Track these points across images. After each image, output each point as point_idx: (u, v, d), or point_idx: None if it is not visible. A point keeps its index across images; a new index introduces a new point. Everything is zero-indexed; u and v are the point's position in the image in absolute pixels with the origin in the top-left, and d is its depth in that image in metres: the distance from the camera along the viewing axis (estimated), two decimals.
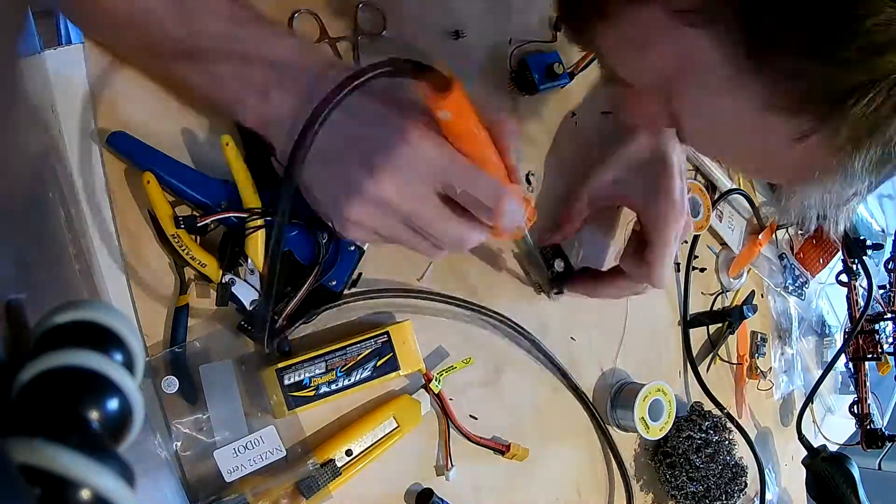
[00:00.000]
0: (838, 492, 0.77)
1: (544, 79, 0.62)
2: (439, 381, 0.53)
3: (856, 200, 0.41)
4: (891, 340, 0.94)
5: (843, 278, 0.93)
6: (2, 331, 0.20)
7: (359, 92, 0.38)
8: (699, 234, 0.79)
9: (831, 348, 1.02)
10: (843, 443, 0.97)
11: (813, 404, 0.92)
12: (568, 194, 0.65)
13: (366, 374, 0.50)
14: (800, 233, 0.96)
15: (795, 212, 0.43)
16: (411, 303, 0.55)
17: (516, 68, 0.62)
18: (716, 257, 0.83)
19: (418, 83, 0.35)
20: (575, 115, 0.68)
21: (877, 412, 0.91)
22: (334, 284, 0.49)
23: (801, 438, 0.83)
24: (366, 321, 0.52)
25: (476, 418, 0.58)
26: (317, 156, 0.39)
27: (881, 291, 0.95)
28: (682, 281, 0.78)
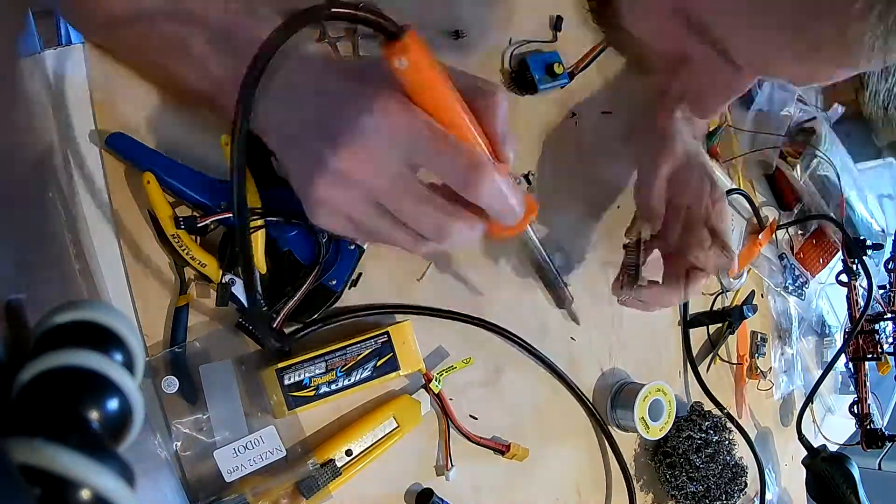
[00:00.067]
0: (838, 492, 0.77)
1: (544, 79, 0.62)
2: (439, 381, 0.53)
3: None
4: (891, 340, 0.94)
5: (843, 278, 0.93)
6: (2, 331, 0.20)
7: (325, 69, 0.37)
8: None
9: (831, 348, 1.02)
10: (843, 443, 0.97)
11: (813, 404, 0.92)
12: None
13: (366, 374, 0.50)
14: (800, 233, 0.96)
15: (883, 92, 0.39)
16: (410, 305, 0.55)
17: (516, 68, 0.62)
18: None
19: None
20: (575, 115, 0.68)
21: (877, 412, 0.91)
22: (334, 284, 0.49)
23: (801, 438, 0.83)
24: (366, 321, 0.52)
25: (476, 418, 0.58)
26: (284, 135, 0.38)
27: (881, 291, 0.94)
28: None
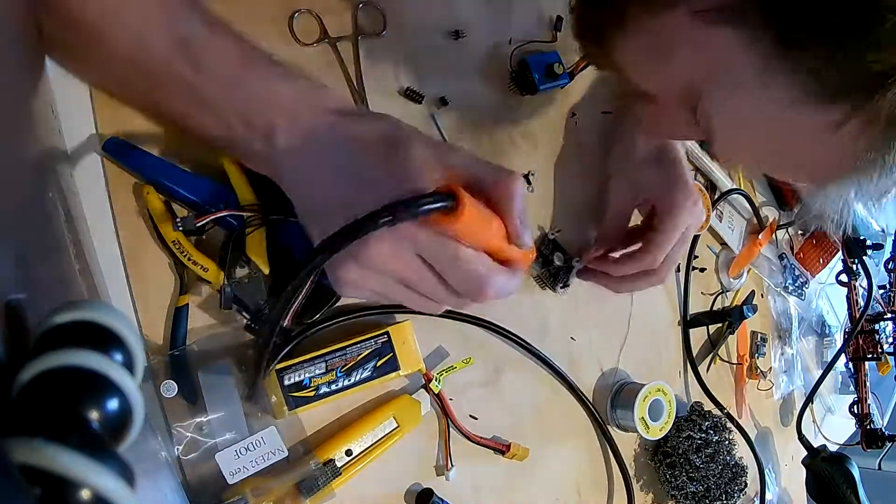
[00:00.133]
0: (838, 492, 0.77)
1: (544, 79, 0.62)
2: (439, 381, 0.53)
3: (883, 200, 0.39)
4: (891, 340, 0.94)
5: (843, 278, 0.93)
6: (2, 331, 0.20)
7: (356, 147, 0.37)
8: (699, 234, 0.79)
9: (831, 348, 1.02)
10: (843, 443, 0.97)
11: (813, 404, 0.92)
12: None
13: (366, 374, 0.50)
14: (800, 233, 0.96)
15: (829, 212, 0.42)
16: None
17: (516, 68, 0.62)
18: (716, 257, 0.83)
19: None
20: (575, 115, 0.68)
21: (877, 412, 0.91)
22: None
23: (801, 438, 0.83)
24: (366, 321, 0.52)
25: (476, 418, 0.58)
26: (311, 208, 0.39)
27: (881, 291, 0.94)
28: (682, 281, 0.78)
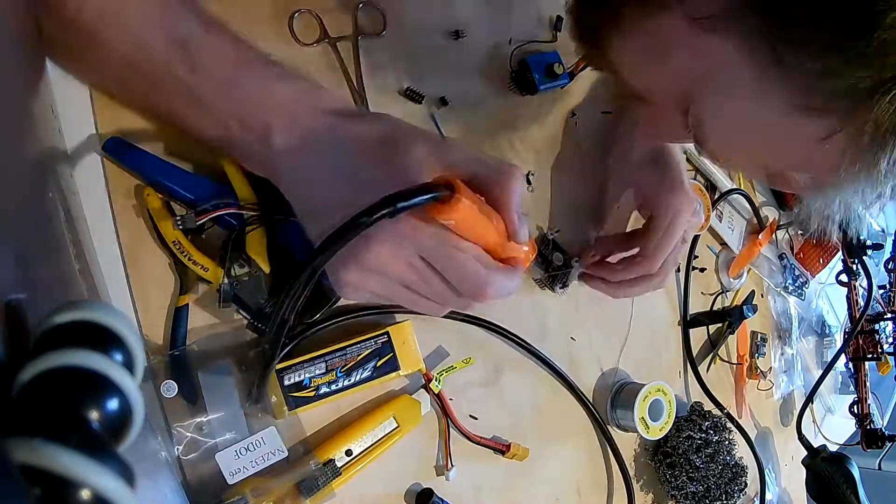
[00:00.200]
0: (838, 492, 0.77)
1: (544, 79, 0.62)
2: (439, 381, 0.53)
3: (880, 203, 0.39)
4: (891, 340, 0.94)
5: (843, 278, 0.93)
6: (2, 331, 0.20)
7: (354, 147, 0.38)
8: (699, 234, 0.79)
9: (831, 348, 1.02)
10: (843, 443, 0.97)
11: (813, 404, 0.92)
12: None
13: (366, 374, 0.50)
14: (800, 233, 0.96)
15: (818, 219, 0.42)
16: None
17: (516, 68, 0.62)
18: (716, 257, 0.83)
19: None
20: (575, 115, 0.68)
21: (877, 412, 0.91)
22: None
23: (801, 438, 0.83)
24: (366, 321, 0.52)
25: (476, 418, 0.58)
26: (311, 208, 0.40)
27: (881, 291, 0.94)
28: (682, 281, 0.78)
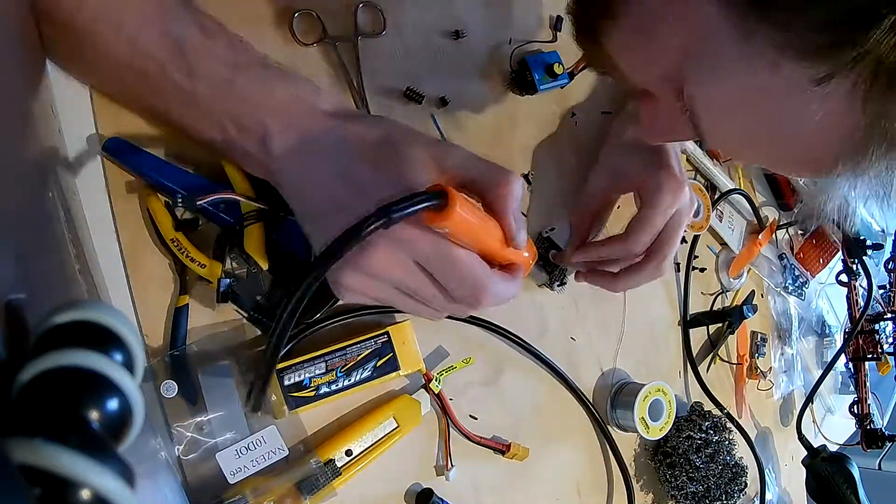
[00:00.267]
0: (838, 492, 0.77)
1: (544, 79, 0.62)
2: (439, 381, 0.53)
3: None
4: (891, 340, 0.94)
5: (843, 278, 0.93)
6: (2, 331, 0.20)
7: (352, 149, 0.38)
8: (699, 234, 0.79)
9: (831, 348, 1.02)
10: (843, 443, 0.97)
11: (813, 404, 0.92)
12: (576, 201, 0.64)
13: (366, 374, 0.50)
14: (800, 233, 0.96)
15: (832, 206, 0.40)
16: None
17: (516, 68, 0.62)
18: (716, 257, 0.83)
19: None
20: (575, 115, 0.68)
21: (877, 412, 0.91)
22: None
23: (801, 438, 0.83)
24: (366, 321, 0.52)
25: (476, 418, 0.58)
26: (309, 210, 0.40)
27: (881, 291, 0.95)
28: (682, 281, 0.78)
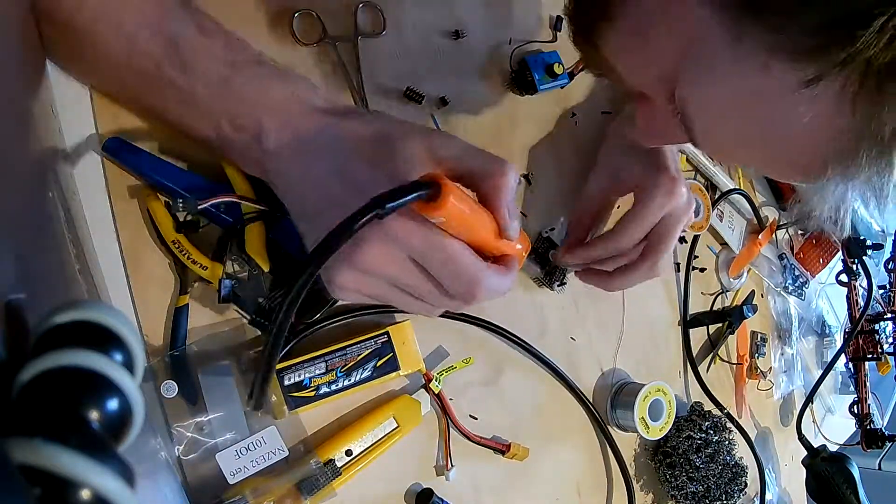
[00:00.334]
0: (838, 492, 0.77)
1: (544, 79, 0.62)
2: (439, 381, 0.53)
3: (890, 187, 0.36)
4: (891, 340, 0.94)
5: (843, 278, 0.93)
6: (2, 331, 0.20)
7: (347, 146, 0.38)
8: (699, 234, 0.79)
9: (831, 348, 1.02)
10: (843, 443, 0.97)
11: (813, 404, 0.92)
12: (575, 202, 0.64)
13: (366, 374, 0.50)
14: (800, 233, 0.96)
15: (825, 209, 0.40)
16: None
17: (516, 68, 0.62)
18: (716, 257, 0.83)
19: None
20: (575, 115, 0.68)
21: (877, 412, 0.91)
22: None
23: (801, 438, 0.83)
24: (366, 321, 0.52)
25: (476, 418, 0.58)
26: (305, 209, 0.40)
27: (881, 291, 0.95)
28: (682, 281, 0.78)
